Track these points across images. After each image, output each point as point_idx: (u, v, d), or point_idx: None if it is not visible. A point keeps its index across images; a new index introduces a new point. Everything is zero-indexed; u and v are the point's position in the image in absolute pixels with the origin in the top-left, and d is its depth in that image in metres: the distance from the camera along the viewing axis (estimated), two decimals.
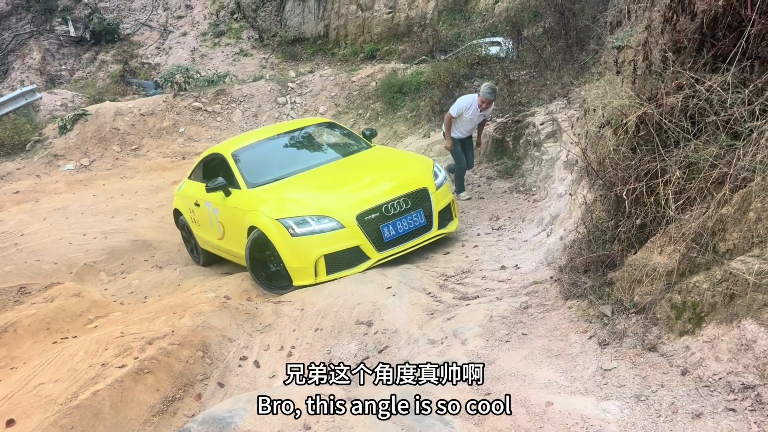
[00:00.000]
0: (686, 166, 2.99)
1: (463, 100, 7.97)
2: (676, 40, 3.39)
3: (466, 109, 7.86)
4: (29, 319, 5.41)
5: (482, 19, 14.47)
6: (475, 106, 7.81)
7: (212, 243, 7.61)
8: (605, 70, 5.08)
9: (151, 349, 4.50)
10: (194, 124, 14.12)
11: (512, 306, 3.95)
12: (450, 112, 7.96)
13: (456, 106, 7.94)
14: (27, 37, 19.72)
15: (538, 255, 5.11)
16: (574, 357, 2.99)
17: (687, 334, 2.65)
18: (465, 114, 7.89)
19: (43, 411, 3.57)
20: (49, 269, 8.53)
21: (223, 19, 19.67)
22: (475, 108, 7.83)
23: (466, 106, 7.85)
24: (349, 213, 5.95)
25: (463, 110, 7.87)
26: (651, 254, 3.07)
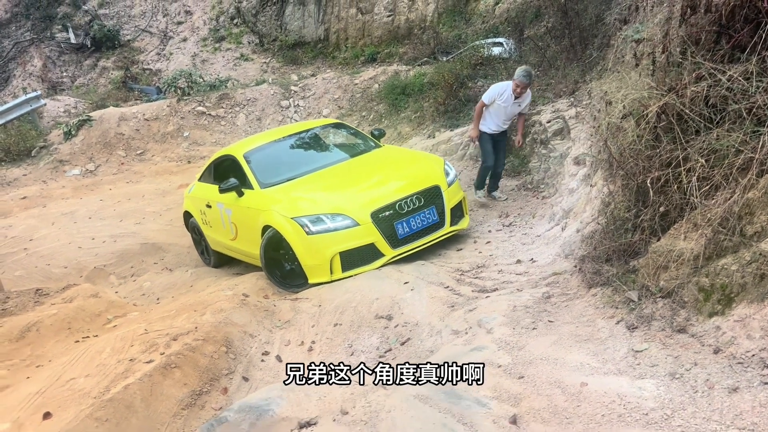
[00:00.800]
0: (709, 153, 3.08)
1: (497, 86, 7.48)
2: (694, 32, 3.48)
3: (499, 95, 7.33)
4: (51, 319, 5.46)
5: (483, 20, 14.57)
6: (509, 92, 7.28)
7: (224, 244, 7.67)
8: (617, 64, 5.17)
9: (176, 345, 4.55)
10: (198, 128, 14.19)
11: (534, 296, 4.03)
12: (482, 98, 7.46)
13: (489, 92, 7.46)
14: (27, 45, 19.77)
15: (553, 248, 5.19)
16: (603, 341, 3.06)
17: (717, 315, 2.72)
18: (498, 101, 7.34)
19: (77, 404, 3.63)
20: (60, 273, 8.59)
21: (223, 24, 19.75)
22: (510, 95, 7.29)
23: (499, 92, 7.33)
24: (364, 211, 6.02)
25: (496, 96, 7.34)
26: (675, 241, 3.15)
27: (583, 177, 5.87)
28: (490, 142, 7.69)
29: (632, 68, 4.11)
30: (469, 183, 8.82)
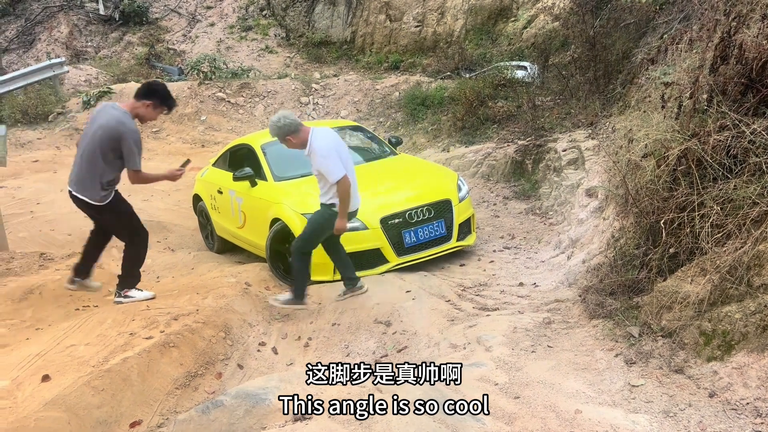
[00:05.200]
0: (725, 201, 3.14)
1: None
2: (722, 81, 3.55)
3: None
4: (54, 284, 5.52)
5: (509, 42, 14.69)
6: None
7: (231, 231, 7.72)
8: (641, 103, 5.25)
9: (176, 325, 4.61)
10: (216, 113, 14.28)
11: (535, 320, 4.08)
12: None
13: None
14: (56, 11, 19.90)
15: (557, 275, 5.24)
16: (600, 372, 3.12)
17: (715, 360, 2.78)
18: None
19: (76, 370, 3.68)
20: (63, 240, 8.64)
21: (252, 14, 19.89)
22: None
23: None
24: (374, 216, 6.08)
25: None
26: (681, 283, 3.21)
27: (594, 209, 5.93)
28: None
29: (657, 109, 4.18)
30: (478, 201, 8.89)
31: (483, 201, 9.02)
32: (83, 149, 5.00)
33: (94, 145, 4.92)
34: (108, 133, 4.90)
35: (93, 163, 4.92)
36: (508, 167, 9.62)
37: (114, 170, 5.02)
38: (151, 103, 5.07)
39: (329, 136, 5.30)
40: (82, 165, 4.97)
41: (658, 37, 7.75)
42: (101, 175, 4.94)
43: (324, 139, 5.20)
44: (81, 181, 4.97)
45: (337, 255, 5.62)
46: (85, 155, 4.97)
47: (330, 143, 5.18)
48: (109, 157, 4.92)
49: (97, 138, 4.92)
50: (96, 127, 4.98)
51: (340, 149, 5.24)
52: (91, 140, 4.95)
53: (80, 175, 4.98)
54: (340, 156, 5.15)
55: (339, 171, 5.03)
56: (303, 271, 5.41)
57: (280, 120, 5.17)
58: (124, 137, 4.89)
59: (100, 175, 4.94)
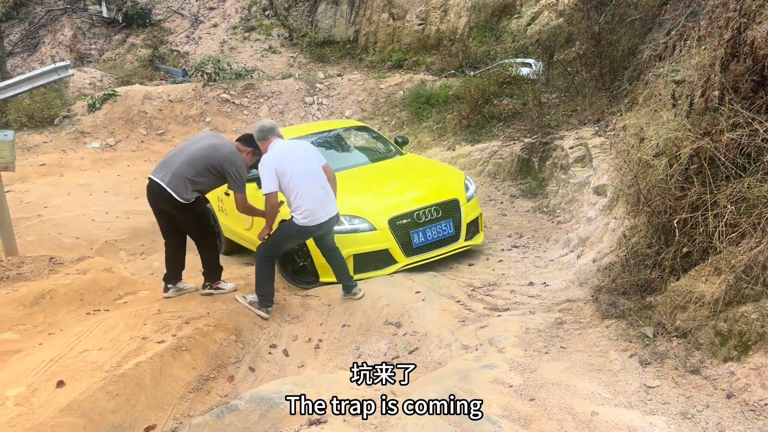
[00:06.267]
0: (739, 201, 3.12)
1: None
2: (733, 79, 3.53)
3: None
4: (64, 289, 5.54)
5: (513, 39, 14.64)
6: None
7: (238, 233, 7.72)
8: (650, 101, 5.22)
9: (188, 329, 4.62)
10: (221, 115, 14.29)
11: (547, 321, 4.07)
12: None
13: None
14: (60, 14, 19.93)
15: (567, 275, 5.23)
16: (615, 373, 3.11)
17: (732, 360, 2.77)
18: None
19: (90, 376, 3.69)
20: (71, 243, 8.65)
21: (255, 14, 19.88)
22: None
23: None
24: (382, 216, 6.08)
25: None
26: (695, 282, 3.19)
27: (603, 207, 5.92)
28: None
29: (665, 107, 4.16)
30: (485, 199, 8.87)
31: (490, 199, 9.00)
32: (187, 154, 5.32)
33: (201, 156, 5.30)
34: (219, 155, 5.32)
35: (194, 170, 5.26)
36: (515, 165, 9.59)
37: (208, 186, 5.51)
38: (251, 150, 5.46)
39: (282, 149, 5.22)
40: (182, 167, 5.23)
41: (664, 33, 7.71)
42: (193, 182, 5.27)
43: (272, 151, 5.20)
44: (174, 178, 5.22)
45: (331, 261, 5.61)
46: (188, 159, 5.28)
47: (273, 157, 5.14)
48: (210, 173, 5.33)
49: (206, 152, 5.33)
50: (210, 144, 5.42)
51: (291, 161, 5.13)
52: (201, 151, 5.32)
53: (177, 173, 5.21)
54: (292, 167, 5.08)
55: (267, 187, 5.07)
56: (265, 277, 5.35)
57: (254, 127, 5.38)
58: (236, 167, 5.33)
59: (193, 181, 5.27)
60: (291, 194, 5.14)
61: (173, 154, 5.43)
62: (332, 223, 5.35)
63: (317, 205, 5.14)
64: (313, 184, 5.18)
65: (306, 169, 5.21)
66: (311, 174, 5.22)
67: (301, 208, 5.10)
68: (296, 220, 5.13)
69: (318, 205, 5.14)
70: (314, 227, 5.19)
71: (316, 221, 5.15)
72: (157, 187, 5.25)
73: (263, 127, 5.37)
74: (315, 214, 5.12)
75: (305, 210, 5.09)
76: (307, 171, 5.20)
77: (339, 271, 5.57)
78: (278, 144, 5.28)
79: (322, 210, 5.17)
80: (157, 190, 5.26)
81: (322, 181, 5.29)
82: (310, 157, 5.34)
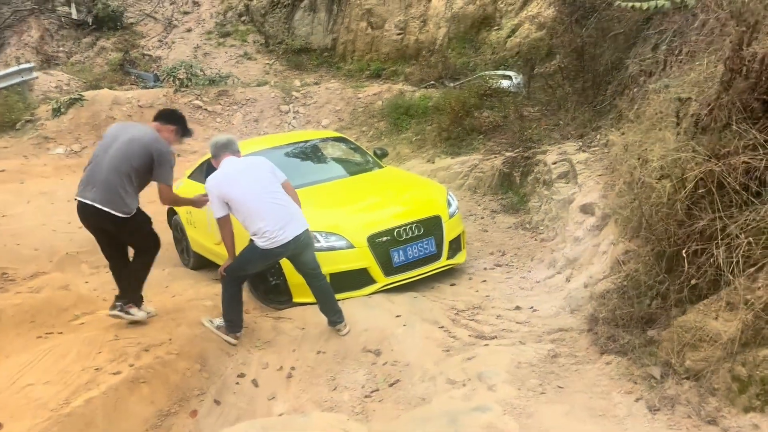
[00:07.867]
0: (754, 231, 2.87)
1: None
2: (743, 98, 3.28)
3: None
4: (13, 309, 5.09)
5: (493, 51, 14.46)
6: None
7: (207, 247, 7.33)
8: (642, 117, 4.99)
9: (147, 357, 4.23)
10: (192, 122, 13.79)
11: (539, 353, 3.77)
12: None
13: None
14: (27, 14, 19.24)
15: (556, 299, 4.95)
16: (621, 420, 2.82)
17: (754, 411, 2.50)
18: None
19: (32, 416, 3.29)
20: (29, 255, 8.15)
21: (230, 20, 19.45)
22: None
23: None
24: (360, 233, 5.76)
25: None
26: (705, 318, 2.92)
27: (591, 227, 5.67)
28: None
29: (666, 125, 3.91)
30: (465, 214, 8.59)
31: (470, 214, 8.73)
32: (108, 162, 4.71)
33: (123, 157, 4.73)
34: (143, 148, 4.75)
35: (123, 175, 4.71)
36: (496, 179, 9.34)
37: (142, 184, 4.96)
38: (174, 128, 5.00)
39: (227, 170, 4.82)
40: (109, 177, 4.65)
41: (650, 48, 7.55)
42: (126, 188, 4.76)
43: (218, 173, 4.84)
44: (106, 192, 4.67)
45: (314, 290, 5.17)
46: (111, 167, 4.69)
47: (217, 180, 4.76)
48: (140, 171, 4.80)
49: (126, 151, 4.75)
50: (126, 139, 4.79)
51: (234, 183, 4.73)
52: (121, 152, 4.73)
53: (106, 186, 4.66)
54: (235, 190, 4.69)
55: (216, 212, 4.76)
56: (232, 300, 4.96)
57: (209, 142, 5.10)
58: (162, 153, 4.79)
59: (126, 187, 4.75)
60: (240, 218, 4.74)
61: (93, 167, 4.77)
62: (301, 242, 4.84)
63: (275, 224, 4.66)
64: (265, 203, 4.71)
65: (252, 188, 4.73)
66: (261, 193, 4.74)
67: (258, 231, 4.67)
68: (257, 244, 4.71)
69: (276, 224, 4.66)
70: (278, 249, 4.72)
71: (279, 242, 4.68)
72: (90, 208, 4.66)
73: (217, 143, 4.99)
74: (275, 236, 4.65)
75: (264, 232, 4.65)
76: (253, 191, 4.72)
77: (324, 304, 5.11)
78: (226, 163, 4.87)
79: (282, 230, 4.68)
80: (91, 212, 4.69)
81: (279, 197, 4.81)
82: (260, 176, 4.85)
